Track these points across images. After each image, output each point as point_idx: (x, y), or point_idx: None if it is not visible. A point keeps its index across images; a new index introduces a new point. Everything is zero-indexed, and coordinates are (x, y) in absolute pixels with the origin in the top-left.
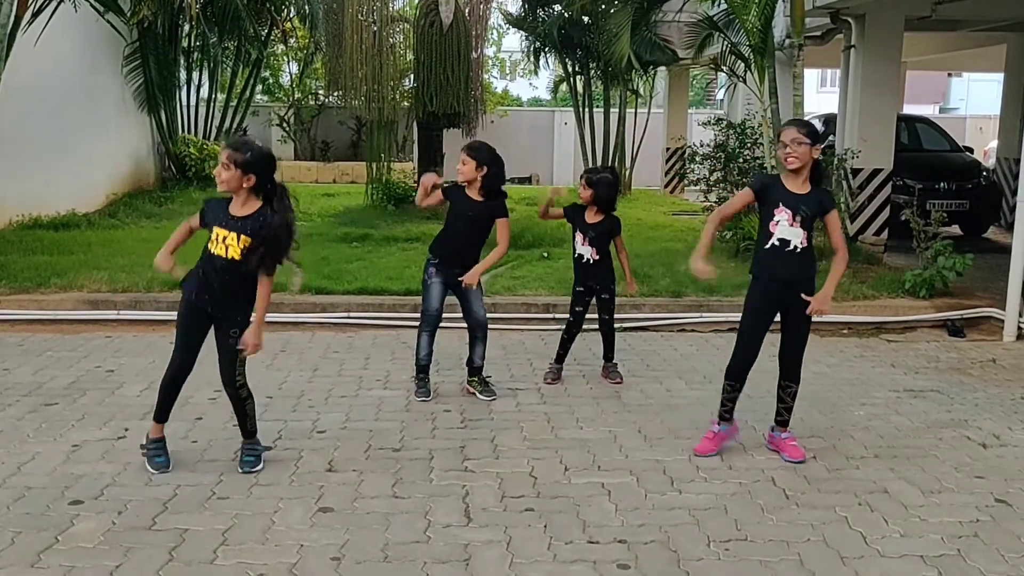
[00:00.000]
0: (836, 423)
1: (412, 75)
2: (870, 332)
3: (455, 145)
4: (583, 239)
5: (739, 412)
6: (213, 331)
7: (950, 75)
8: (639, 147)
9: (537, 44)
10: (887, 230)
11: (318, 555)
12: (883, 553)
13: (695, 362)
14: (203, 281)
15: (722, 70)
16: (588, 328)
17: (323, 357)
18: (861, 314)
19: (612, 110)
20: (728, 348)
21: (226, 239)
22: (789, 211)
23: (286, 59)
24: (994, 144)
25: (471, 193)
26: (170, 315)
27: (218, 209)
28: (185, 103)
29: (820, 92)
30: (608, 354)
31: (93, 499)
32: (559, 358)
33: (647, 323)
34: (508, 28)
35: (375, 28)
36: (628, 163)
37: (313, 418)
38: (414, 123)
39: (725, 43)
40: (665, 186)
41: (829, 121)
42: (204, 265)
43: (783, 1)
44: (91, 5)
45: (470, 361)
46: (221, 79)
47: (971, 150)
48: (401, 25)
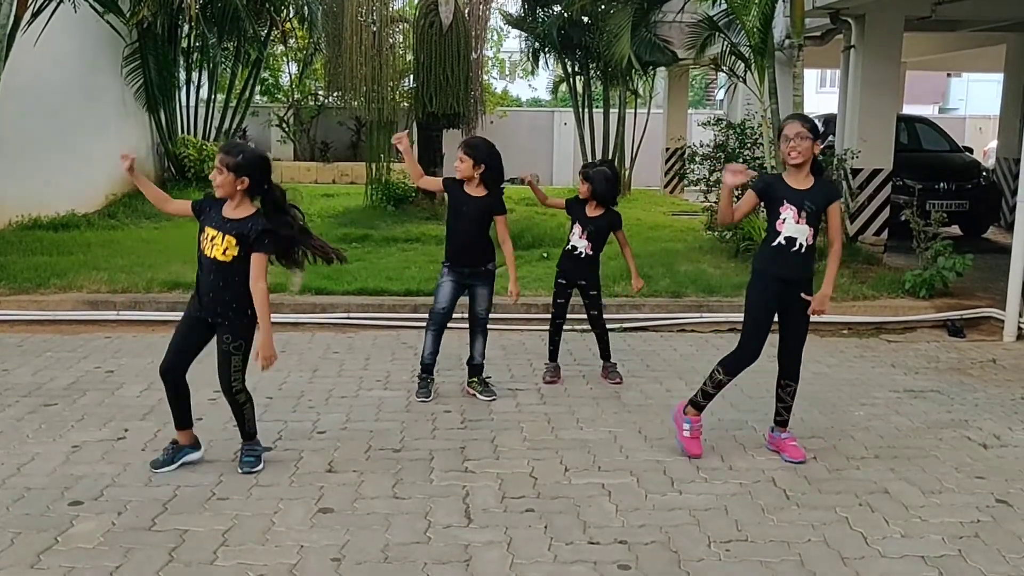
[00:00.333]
0: (836, 423)
1: (412, 75)
2: (870, 332)
3: (455, 146)
4: (581, 232)
5: (738, 412)
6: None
7: (949, 75)
8: (639, 147)
9: (537, 45)
10: (887, 230)
11: (318, 556)
12: (884, 553)
13: (695, 362)
14: (199, 284)
15: (722, 70)
16: (588, 328)
17: (323, 357)
18: (861, 314)
19: (612, 110)
20: (728, 348)
21: (214, 239)
22: (794, 207)
23: (285, 60)
24: (994, 144)
25: (469, 189)
26: (170, 315)
27: (213, 208)
28: (184, 104)
29: (820, 92)
30: (605, 353)
31: (93, 500)
32: (552, 355)
33: (647, 323)
34: (508, 32)
35: (375, 28)
36: (628, 163)
37: (313, 419)
38: (414, 124)
39: (725, 43)
40: (665, 186)
41: (829, 121)
42: (198, 267)
43: (783, 1)
44: (90, 5)
45: (470, 359)
46: (220, 80)
47: (971, 150)
48: (401, 25)
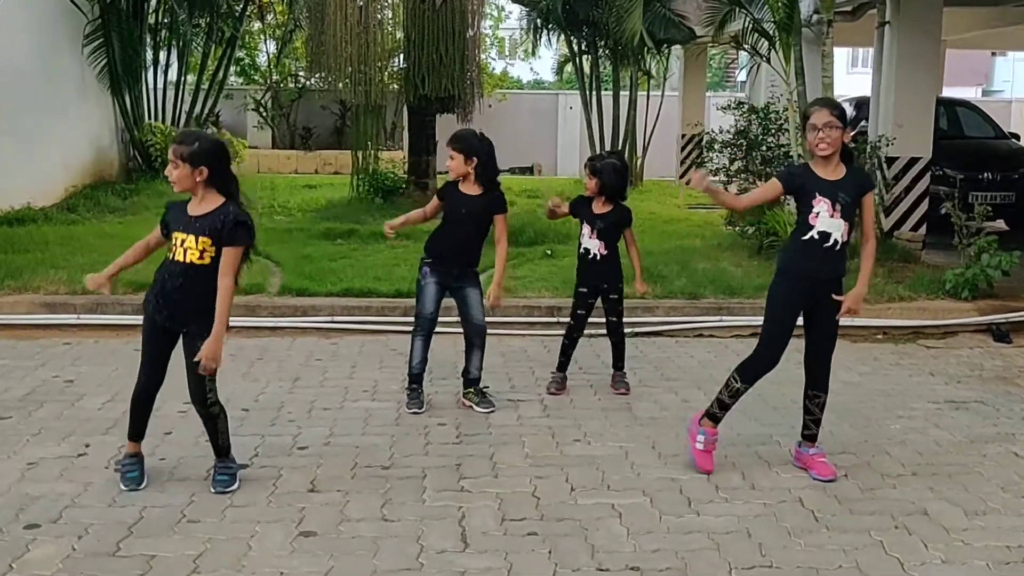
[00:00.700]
0: (870, 438)
1: (402, 55)
2: (907, 337)
3: (449, 131)
4: (591, 231)
5: (761, 425)
6: (181, 344)
7: (994, 54)
8: (652, 133)
9: (539, 20)
10: (925, 225)
11: None
12: None
13: (713, 370)
14: (160, 292)
15: (743, 49)
16: (595, 333)
17: (305, 365)
18: (897, 317)
19: (622, 93)
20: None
21: (184, 242)
22: (828, 201)
23: (263, 37)
24: None
25: (466, 188)
26: (135, 319)
27: (179, 212)
28: (152, 86)
29: (851, 73)
30: (618, 362)
31: (51, 522)
32: (561, 366)
33: (661, 328)
34: (510, 12)
35: (361, 2)
36: (640, 151)
37: (294, 433)
38: (404, 108)
39: (747, 19)
40: (680, 176)
41: (861, 105)
42: (162, 274)
43: None
44: None
45: (466, 372)
46: (191, 60)
47: (1017, 137)
48: None
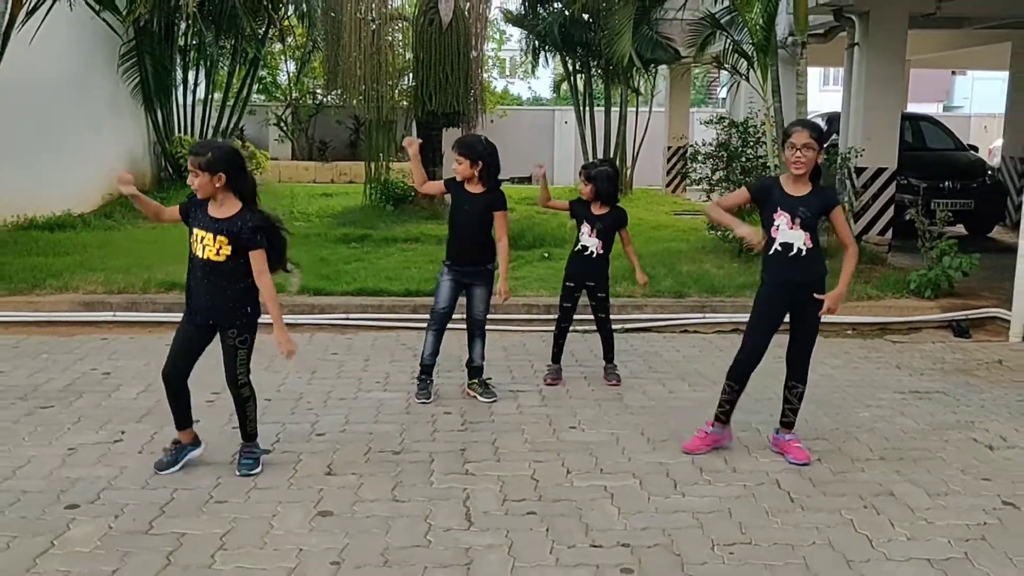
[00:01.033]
0: (841, 425)
1: (411, 74)
2: (875, 333)
3: None
4: (590, 230)
5: (743, 413)
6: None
7: (954, 73)
8: (640, 146)
9: (537, 43)
10: (891, 230)
11: (317, 560)
12: (889, 556)
13: (698, 364)
14: (190, 285)
15: (725, 68)
16: (589, 329)
17: (322, 359)
18: (866, 315)
19: (613, 109)
20: (732, 349)
21: (203, 239)
22: (787, 214)
23: (283, 58)
24: (999, 142)
25: (470, 187)
26: (167, 317)
27: (200, 209)
28: (181, 102)
29: (823, 91)
30: (608, 354)
31: (89, 503)
32: (555, 357)
33: (649, 324)
34: (510, 36)
35: (374, 26)
36: (629, 162)
37: (312, 420)
38: (413, 122)
39: (728, 41)
40: (667, 185)
41: (832, 119)
42: (190, 271)
43: None
44: (86, 3)
45: (470, 361)
46: (218, 78)
47: (976, 148)
48: (400, 23)
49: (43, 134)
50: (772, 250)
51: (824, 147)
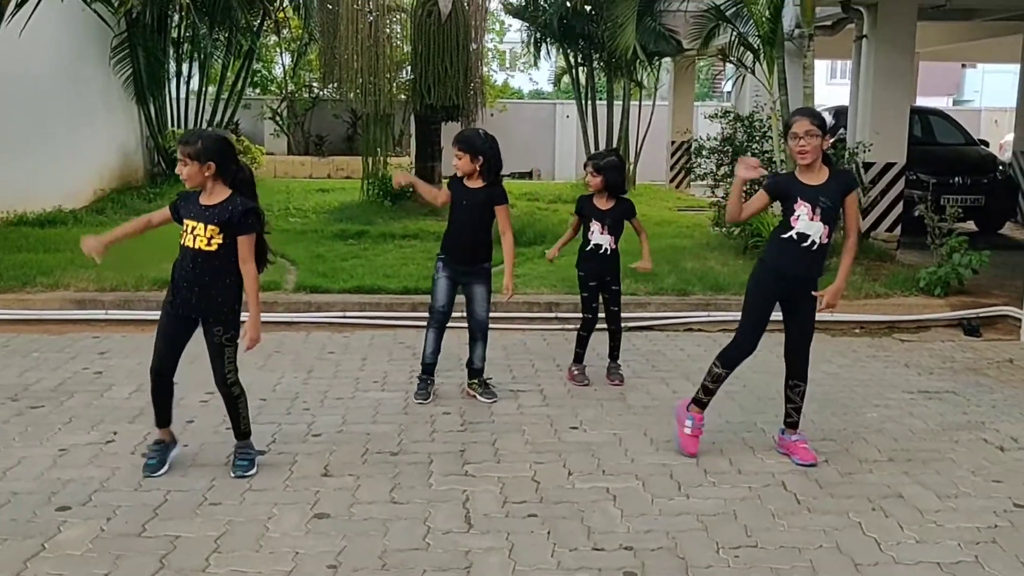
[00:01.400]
0: (848, 425)
1: (409, 67)
2: (883, 332)
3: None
4: (601, 228)
5: (746, 413)
6: (201, 333)
7: (964, 66)
8: (643, 141)
9: (538, 35)
10: (900, 226)
11: (314, 563)
12: (898, 560)
13: (702, 363)
14: (177, 277)
15: (730, 61)
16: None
17: (318, 358)
18: (873, 313)
19: (616, 102)
20: None
21: (195, 229)
22: (808, 204)
23: (279, 50)
24: (1010, 137)
25: (470, 182)
26: (160, 315)
27: (190, 201)
28: (175, 96)
29: (830, 84)
30: (614, 352)
31: (81, 505)
32: (579, 357)
33: (652, 322)
34: (510, 26)
35: (371, 18)
36: (632, 157)
37: (308, 421)
38: (411, 116)
39: (733, 33)
40: (670, 181)
41: (840, 114)
42: (179, 262)
43: None
44: None
45: (470, 363)
46: (212, 71)
47: (986, 143)
48: (398, 15)
49: (33, 128)
50: (788, 235)
51: (828, 133)
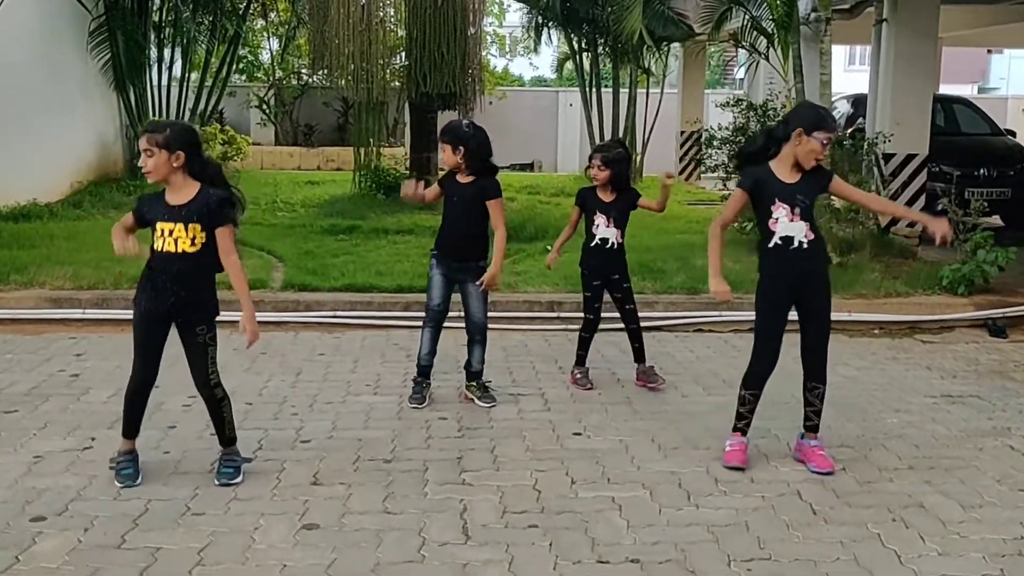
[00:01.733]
0: (867, 431)
1: (404, 52)
2: (904, 332)
3: None
4: (607, 221)
5: (760, 419)
6: (178, 335)
7: (990, 52)
8: (651, 130)
9: (540, 19)
10: None
11: None
12: (919, 573)
13: (713, 365)
14: (157, 285)
15: (742, 46)
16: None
17: (307, 360)
18: (894, 312)
19: (622, 90)
20: (749, 350)
21: (172, 232)
22: (786, 206)
23: (266, 35)
24: None
25: (460, 177)
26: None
27: (155, 203)
28: (156, 83)
29: (848, 71)
30: (641, 353)
31: (57, 515)
32: (582, 360)
33: (660, 323)
34: (509, 5)
35: (363, 1)
36: (639, 148)
37: (297, 426)
38: (406, 104)
39: (745, 17)
40: (679, 173)
41: (859, 102)
42: (154, 267)
43: None
44: None
45: (467, 365)
46: (195, 57)
47: (1013, 133)
48: None
49: (6, 117)
50: (772, 243)
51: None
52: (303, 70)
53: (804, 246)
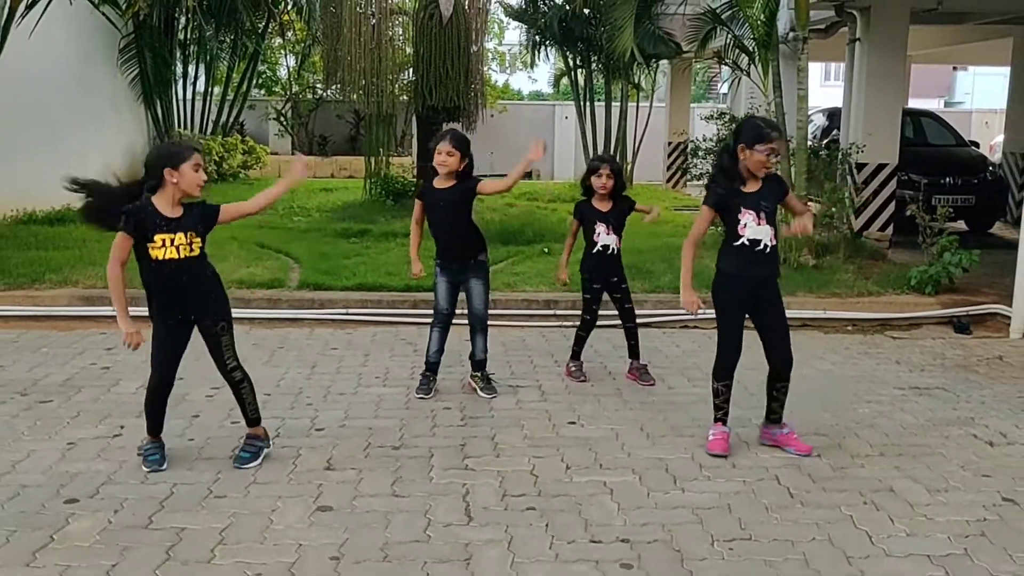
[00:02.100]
0: (841, 421)
1: (411, 68)
2: (875, 329)
3: None
4: (607, 228)
5: (740, 409)
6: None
7: (955, 69)
8: (641, 141)
9: (537, 37)
10: (892, 226)
11: (317, 554)
12: (889, 552)
13: (698, 359)
14: (168, 292)
15: (725, 64)
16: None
17: (321, 354)
18: (866, 311)
19: (614, 104)
20: None
21: (174, 241)
22: (752, 212)
23: (283, 52)
24: (1000, 138)
25: (440, 183)
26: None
27: (151, 216)
28: (181, 97)
29: (824, 86)
30: (636, 350)
31: (89, 497)
32: (577, 354)
33: (649, 319)
34: (509, 23)
35: (374, 20)
36: (630, 157)
37: (311, 415)
38: (413, 117)
39: (729, 36)
40: (667, 181)
41: (833, 115)
42: (161, 276)
43: None
44: None
45: (472, 355)
46: (217, 73)
47: (977, 144)
48: (400, 17)
49: (42, 128)
50: (739, 243)
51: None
52: (318, 85)
53: (767, 250)
